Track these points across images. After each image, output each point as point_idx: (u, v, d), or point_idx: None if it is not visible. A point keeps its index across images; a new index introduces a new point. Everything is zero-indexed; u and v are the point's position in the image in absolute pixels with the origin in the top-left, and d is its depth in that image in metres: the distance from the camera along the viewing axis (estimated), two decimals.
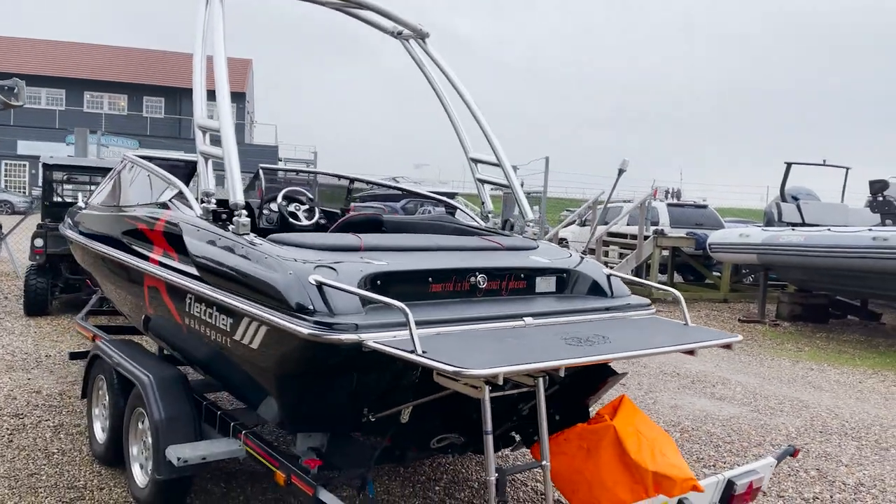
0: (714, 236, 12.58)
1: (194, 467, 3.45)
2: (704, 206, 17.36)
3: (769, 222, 12.65)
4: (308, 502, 3.04)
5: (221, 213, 3.54)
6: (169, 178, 4.19)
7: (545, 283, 3.74)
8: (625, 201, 20.99)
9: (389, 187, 7.28)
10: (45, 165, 9.35)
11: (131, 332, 6.35)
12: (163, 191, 4.25)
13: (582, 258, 4.05)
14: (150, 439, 3.70)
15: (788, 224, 11.68)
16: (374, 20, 5.02)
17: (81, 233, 5.36)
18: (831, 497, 4.34)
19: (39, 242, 8.62)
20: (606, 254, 15.79)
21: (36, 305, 8.68)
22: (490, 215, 4.86)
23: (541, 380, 2.64)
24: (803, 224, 11.64)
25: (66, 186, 10.10)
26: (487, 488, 2.43)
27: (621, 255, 15.56)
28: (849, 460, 5.00)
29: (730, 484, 3.14)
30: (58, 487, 3.98)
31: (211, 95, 3.67)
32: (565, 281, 3.80)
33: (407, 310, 2.58)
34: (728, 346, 3.20)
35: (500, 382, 2.38)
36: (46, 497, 3.85)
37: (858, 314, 12.16)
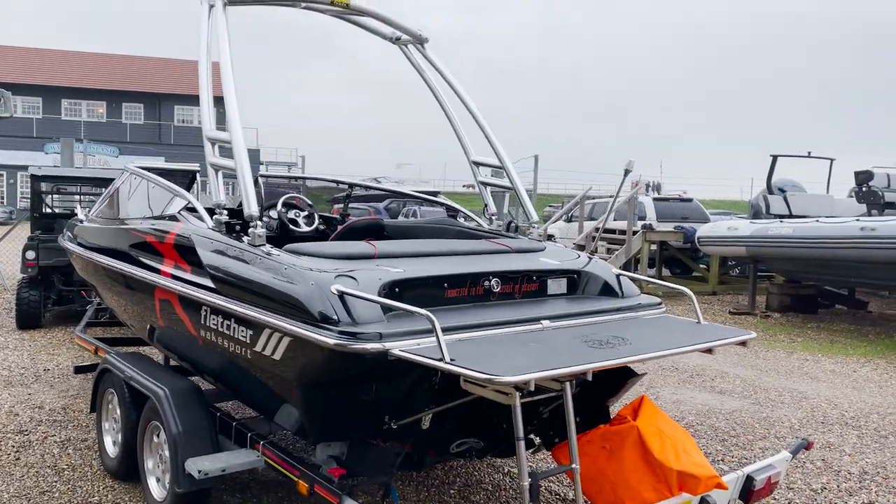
0: (703, 230, 12.71)
1: (214, 479, 3.45)
2: (690, 200, 17.52)
3: (756, 214, 12.81)
4: None
5: (235, 225, 3.53)
6: (177, 189, 4.18)
7: (556, 285, 3.78)
8: (610, 196, 21.13)
9: (389, 192, 7.29)
10: (34, 177, 9.24)
11: (133, 343, 6.32)
12: (168, 202, 4.23)
13: (590, 258, 4.09)
14: (166, 452, 3.69)
15: (776, 216, 11.83)
16: (372, 26, 5.03)
17: (83, 245, 5.32)
18: (838, 486, 4.42)
19: (31, 255, 8.53)
20: (596, 249, 15.88)
21: (29, 318, 8.59)
22: (494, 217, 4.89)
23: (568, 384, 2.67)
24: (791, 216, 11.80)
25: (55, 197, 9.99)
26: (522, 493, 2.46)
27: (609, 251, 15.68)
28: (851, 449, 5.09)
29: (749, 479, 3.19)
30: None
31: (195, 100, 3.66)
32: (576, 282, 3.83)
33: (433, 317, 2.60)
34: (743, 344, 3.25)
35: (532, 388, 2.40)
36: None
37: (846, 303, 12.35)
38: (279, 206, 5.16)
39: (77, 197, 10.77)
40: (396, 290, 3.12)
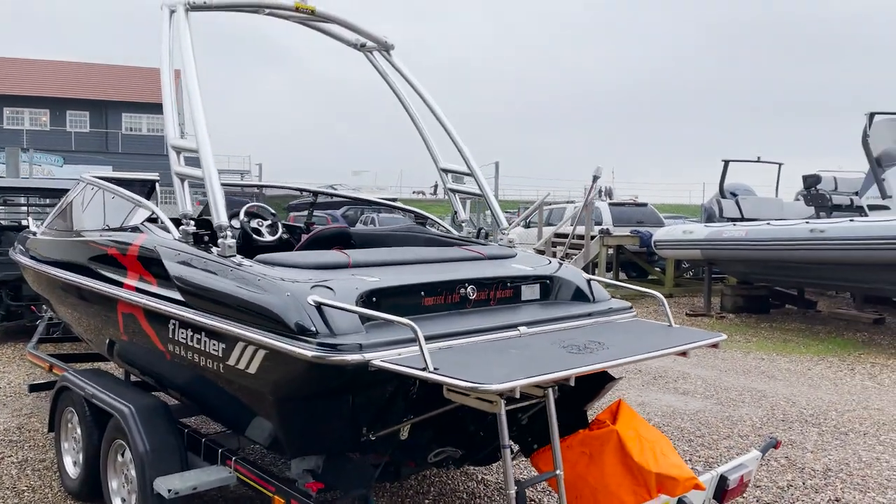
0: (659, 233, 12.94)
1: (184, 499, 3.35)
2: (644, 205, 17.86)
3: (710, 218, 13.11)
4: None
5: (203, 236, 3.44)
6: (139, 199, 4.06)
7: (530, 291, 3.79)
8: (567, 202, 21.39)
9: (354, 199, 7.22)
10: None
11: (88, 359, 6.12)
12: (129, 213, 4.11)
13: (561, 264, 4.12)
14: (133, 472, 3.57)
15: (728, 219, 12.13)
16: (337, 33, 4.98)
17: (36, 258, 5.13)
18: (804, 483, 4.52)
19: None
20: (554, 254, 16.04)
21: None
22: (464, 224, 4.88)
23: (550, 390, 2.67)
24: (742, 219, 12.11)
25: (0, 209, 9.63)
26: (509, 502, 2.44)
27: (567, 256, 15.85)
28: (813, 447, 5.23)
29: (722, 479, 3.24)
30: None
31: (145, 108, 3.57)
32: (549, 288, 3.85)
33: (415, 326, 2.57)
34: (715, 346, 3.31)
35: (518, 396, 2.39)
36: None
37: (796, 303, 12.72)
38: (241, 216, 5.06)
39: (23, 208, 10.41)
40: (374, 299, 3.08)
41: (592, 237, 14.43)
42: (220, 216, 3.32)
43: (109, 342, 4.39)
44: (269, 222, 5.24)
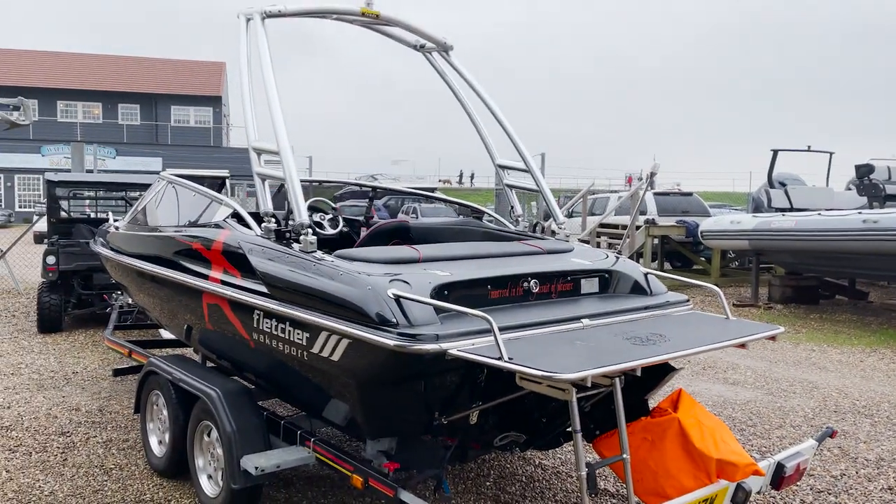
0: (706, 224, 12.90)
1: (268, 476, 3.62)
2: (690, 194, 17.75)
3: (758, 208, 13.01)
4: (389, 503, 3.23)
5: (285, 232, 3.69)
6: (220, 197, 4.32)
7: (589, 285, 3.95)
8: (612, 191, 21.33)
9: (411, 194, 7.41)
10: (49, 182, 9.36)
11: (163, 345, 6.47)
12: (211, 210, 4.38)
13: (618, 258, 4.26)
14: (219, 451, 3.85)
15: (777, 209, 12.04)
16: (397, 35, 5.18)
17: (117, 250, 5.47)
18: (857, 472, 4.61)
19: (52, 259, 8.66)
20: (598, 244, 16.08)
21: (50, 322, 8.72)
22: (520, 219, 5.05)
23: (617, 380, 2.84)
24: (792, 209, 12.01)
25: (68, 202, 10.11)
26: (579, 482, 2.63)
27: (610, 245, 15.87)
28: (866, 437, 5.29)
29: (779, 466, 3.37)
30: (126, 502, 4.11)
31: (192, 101, 3.77)
32: (608, 281, 4.01)
33: (490, 318, 2.76)
34: (773, 338, 3.43)
35: (589, 385, 2.57)
36: None
37: (847, 294, 12.58)
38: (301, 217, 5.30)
39: (89, 201, 10.90)
40: (445, 292, 3.28)
41: (637, 227, 14.43)
42: (301, 215, 3.55)
43: (187, 328, 4.69)
44: (329, 216, 5.49)
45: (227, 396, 3.83)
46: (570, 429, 3.87)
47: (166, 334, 6.63)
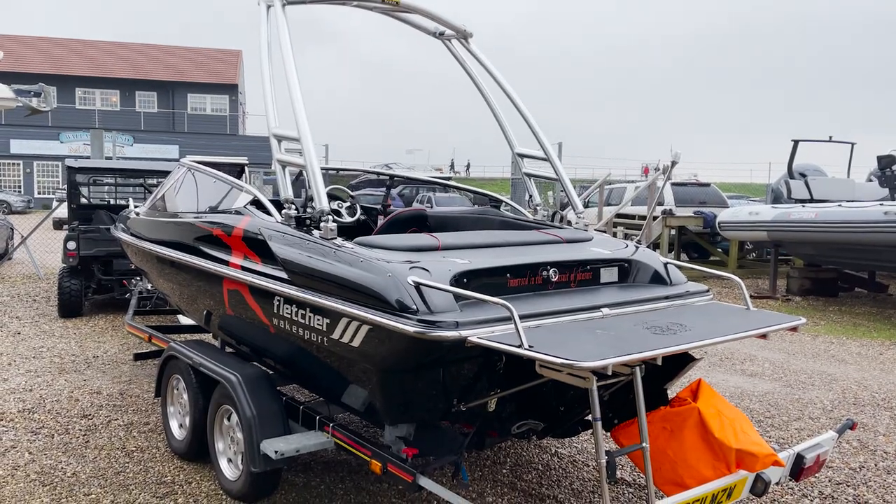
0: (724, 214, 12.81)
1: (288, 460, 3.66)
2: (707, 185, 17.61)
3: (777, 199, 12.90)
4: (407, 489, 3.25)
5: (305, 219, 3.70)
6: (240, 184, 4.34)
7: (609, 274, 3.94)
8: (628, 182, 21.21)
9: (429, 182, 7.42)
10: (70, 168, 9.44)
11: (183, 330, 6.54)
12: (232, 196, 4.40)
13: (637, 247, 4.24)
14: (239, 435, 3.89)
15: (797, 200, 11.92)
16: (416, 22, 5.16)
17: (137, 235, 5.52)
18: (875, 465, 4.58)
19: (72, 245, 8.75)
20: (614, 234, 16.01)
21: (70, 307, 8.83)
22: (538, 208, 5.04)
23: (638, 369, 2.83)
24: (812, 200, 11.88)
25: (92, 188, 10.20)
26: (599, 470, 2.63)
27: (627, 236, 15.80)
28: (885, 430, 5.25)
29: (799, 458, 3.35)
30: (147, 483, 4.17)
31: (206, 88, 3.77)
32: (627, 271, 3.99)
33: (511, 306, 2.76)
34: (794, 329, 3.41)
35: (610, 373, 2.57)
36: (139, 493, 4.04)
37: (866, 286, 12.46)
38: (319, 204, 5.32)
39: (108, 188, 10.99)
40: (465, 280, 3.29)
41: (655, 218, 14.35)
42: (321, 202, 3.56)
43: (206, 313, 4.73)
44: (347, 204, 5.51)
45: (248, 381, 3.87)
46: (588, 417, 3.90)
47: (184, 320, 6.70)
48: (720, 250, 15.48)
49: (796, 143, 12.24)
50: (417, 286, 3.04)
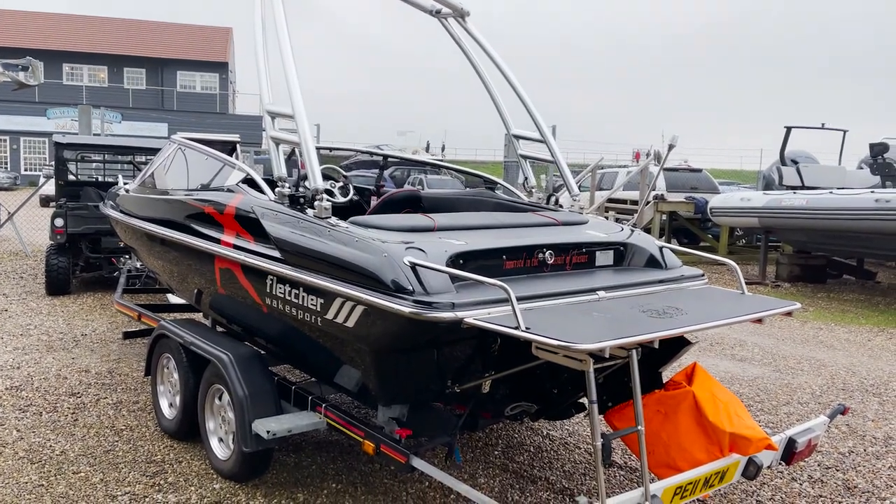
0: (715, 200, 12.83)
1: (280, 440, 3.64)
2: (699, 171, 17.62)
3: (768, 185, 12.93)
4: (399, 470, 3.24)
5: (299, 198, 3.65)
6: (234, 162, 4.28)
7: (604, 257, 3.92)
8: (620, 167, 21.20)
9: (423, 164, 7.33)
10: (58, 144, 9.30)
11: (173, 309, 6.49)
12: (224, 174, 4.34)
13: (632, 231, 4.23)
14: (230, 414, 3.87)
15: (788, 187, 11.95)
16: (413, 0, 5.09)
17: (127, 213, 5.45)
18: (864, 450, 4.62)
19: (60, 222, 8.65)
20: (606, 219, 16.00)
21: (58, 285, 8.74)
22: (533, 190, 5.01)
23: (634, 351, 2.82)
24: (803, 187, 11.92)
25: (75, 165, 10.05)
26: (594, 453, 2.62)
27: (618, 220, 15.80)
28: (874, 415, 5.29)
29: (791, 442, 3.37)
30: (137, 462, 4.14)
31: (196, 66, 3.69)
32: (622, 254, 3.98)
33: (508, 288, 2.74)
34: (789, 314, 3.41)
35: (607, 356, 2.55)
36: (129, 472, 4.01)
37: (855, 274, 12.54)
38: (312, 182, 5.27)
39: (97, 165, 10.86)
40: (461, 261, 3.26)
41: (647, 203, 14.35)
42: (316, 180, 3.51)
43: (197, 292, 4.68)
44: (340, 184, 5.45)
45: (239, 361, 3.83)
46: (581, 399, 3.90)
47: (174, 299, 6.64)
48: (710, 236, 15.54)
49: (789, 129, 12.26)
50: (413, 267, 3.01)
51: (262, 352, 4.30)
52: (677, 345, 3.65)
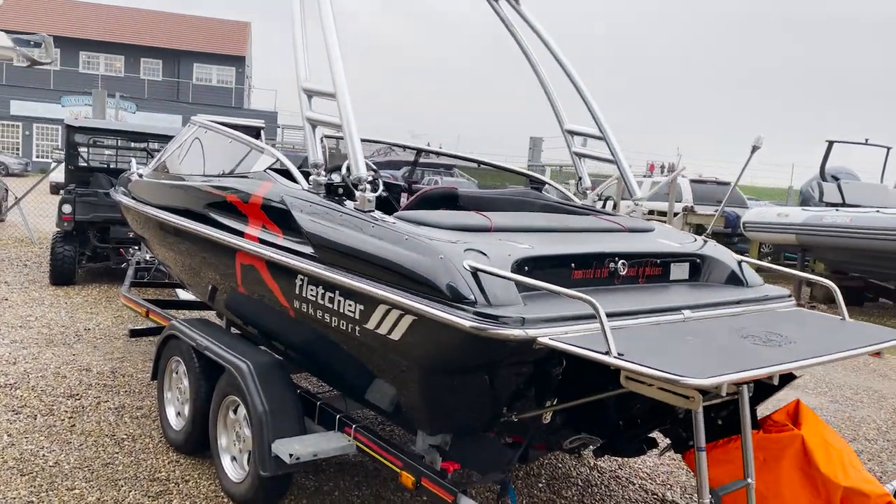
0: (749, 215, 12.31)
1: (303, 465, 3.16)
2: (727, 184, 17.11)
3: (806, 202, 12.39)
4: None
5: (338, 188, 3.18)
6: (263, 146, 3.82)
7: (679, 270, 3.44)
8: (645, 176, 20.69)
9: (458, 158, 6.87)
10: (69, 127, 8.88)
11: (183, 306, 6.04)
12: (251, 159, 3.88)
13: (706, 241, 3.75)
14: (246, 431, 3.40)
15: (829, 204, 11.42)
16: None
17: (140, 200, 4.99)
18: None
19: (68, 209, 8.20)
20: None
21: (63, 274, 8.29)
22: (588, 192, 4.53)
23: (745, 387, 2.34)
24: (844, 204, 11.38)
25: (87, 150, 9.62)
26: None
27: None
28: None
29: None
30: (138, 479, 3.67)
31: (213, 59, 3.26)
32: (699, 267, 3.50)
33: (597, 304, 2.26)
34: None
35: (723, 393, 2.07)
36: (129, 491, 3.54)
37: (892, 298, 11.98)
38: (343, 170, 4.81)
39: (109, 151, 10.43)
40: (525, 267, 2.78)
41: (675, 214, 13.87)
42: (359, 167, 3.06)
43: (212, 288, 4.22)
44: (369, 178, 4.99)
45: (259, 371, 3.36)
46: (652, 434, 3.40)
47: (184, 295, 6.18)
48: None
49: (831, 143, 11.73)
50: (475, 272, 2.54)
51: (282, 358, 3.84)
52: (781, 379, 3.15)
